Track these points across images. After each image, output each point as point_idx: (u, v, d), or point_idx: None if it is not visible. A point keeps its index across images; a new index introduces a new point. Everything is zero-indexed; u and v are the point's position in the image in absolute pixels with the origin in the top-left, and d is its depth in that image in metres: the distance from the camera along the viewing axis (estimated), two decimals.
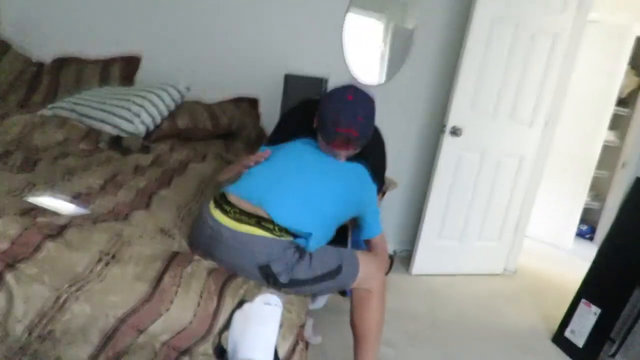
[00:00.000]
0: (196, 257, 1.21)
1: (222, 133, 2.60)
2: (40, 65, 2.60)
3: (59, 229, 1.08)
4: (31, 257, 0.99)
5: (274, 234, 1.28)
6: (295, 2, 2.85)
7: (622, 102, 4.07)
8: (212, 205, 1.34)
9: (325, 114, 1.50)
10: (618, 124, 4.16)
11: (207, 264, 1.18)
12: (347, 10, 2.88)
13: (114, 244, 1.09)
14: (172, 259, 1.12)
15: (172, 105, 2.37)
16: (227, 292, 1.11)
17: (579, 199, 4.06)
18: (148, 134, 2.26)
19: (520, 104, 2.95)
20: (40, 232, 1.04)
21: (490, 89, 2.85)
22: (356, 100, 1.52)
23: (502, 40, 2.77)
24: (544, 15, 2.81)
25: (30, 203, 1.20)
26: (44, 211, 1.17)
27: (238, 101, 2.81)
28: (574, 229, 4.11)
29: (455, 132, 2.80)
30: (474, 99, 2.82)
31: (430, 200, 2.90)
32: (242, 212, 1.30)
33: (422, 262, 2.96)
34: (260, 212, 1.30)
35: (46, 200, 1.25)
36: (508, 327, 2.49)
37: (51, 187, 1.33)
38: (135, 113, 2.21)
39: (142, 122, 2.22)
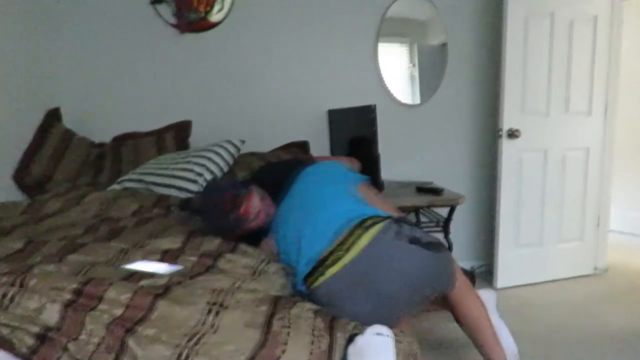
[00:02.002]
0: (298, 298, 1.19)
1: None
2: (101, 146, 2.75)
3: (163, 288, 1.09)
4: (146, 319, 1.00)
5: (367, 236, 1.29)
6: (327, 43, 2.93)
7: None
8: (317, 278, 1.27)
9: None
10: None
11: (310, 305, 1.17)
12: (376, 42, 2.95)
13: (219, 294, 1.09)
14: (276, 302, 1.11)
15: (231, 160, 2.43)
16: (336, 326, 1.08)
17: None
18: None
19: (573, 95, 2.85)
20: (149, 293, 1.05)
21: (538, 85, 2.78)
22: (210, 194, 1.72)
23: (540, 34, 2.73)
24: (579, 1, 2.75)
25: (129, 270, 1.23)
26: (143, 275, 1.19)
27: (289, 147, 2.85)
28: None
29: (512, 134, 2.71)
30: (524, 98, 2.76)
31: (501, 209, 2.78)
32: (332, 254, 1.29)
33: (504, 274, 2.81)
34: (336, 243, 1.31)
35: (141, 265, 1.28)
36: (615, 331, 2.27)
37: (140, 247, 1.37)
38: (198, 173, 2.28)
39: (206, 181, 2.28)
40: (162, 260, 1.29)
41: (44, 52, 2.64)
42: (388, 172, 2.79)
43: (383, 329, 1.06)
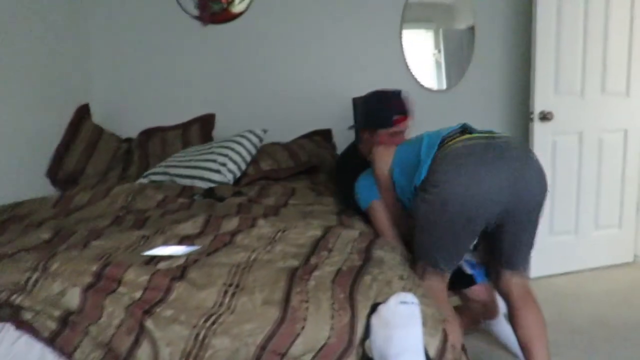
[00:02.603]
0: (314, 263, 1.17)
1: (304, 169, 2.61)
2: (129, 141, 2.81)
3: (181, 270, 1.09)
4: (164, 300, 1.01)
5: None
6: (350, 30, 2.89)
7: None
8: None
9: (377, 112, 1.82)
10: None
11: (329, 270, 1.12)
12: (400, 28, 2.89)
13: (235, 274, 1.09)
14: (293, 275, 1.09)
15: (253, 150, 2.43)
16: (357, 296, 1.04)
17: None
18: (237, 181, 2.32)
19: (609, 75, 2.70)
20: (166, 275, 1.06)
21: (573, 65, 2.65)
22: (389, 93, 1.88)
23: (574, 10, 2.59)
24: None
25: (148, 256, 1.24)
26: (161, 258, 1.20)
27: (313, 135, 2.83)
28: None
29: (545, 117, 2.60)
30: (557, 79, 2.64)
31: None
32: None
33: (538, 263, 2.68)
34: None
35: (159, 250, 1.29)
36: None
37: (161, 234, 1.38)
38: (221, 163, 2.29)
39: (229, 171, 2.29)
40: (180, 244, 1.29)
41: (73, 49, 2.71)
42: None
43: (408, 297, 1.00)
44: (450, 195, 1.31)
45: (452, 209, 1.32)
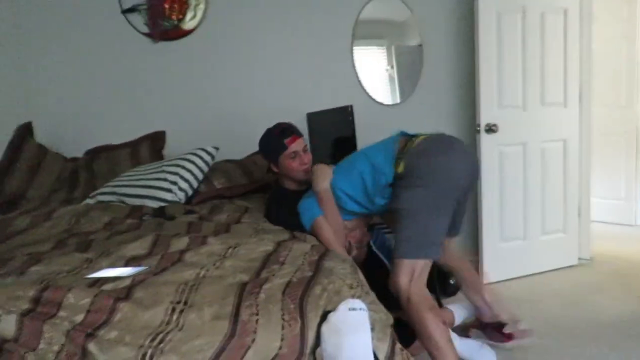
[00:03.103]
0: (265, 277, 1.15)
1: (259, 185, 2.59)
2: (74, 160, 2.69)
3: (126, 290, 1.05)
4: (108, 322, 0.96)
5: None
6: (302, 47, 2.93)
7: None
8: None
9: (271, 144, 2.02)
10: None
11: (279, 282, 1.12)
12: (352, 45, 2.96)
13: (183, 292, 1.06)
14: (242, 290, 1.07)
15: (205, 168, 2.39)
16: (307, 306, 1.04)
17: (635, 172, 3.83)
18: (188, 199, 2.27)
19: (548, 87, 2.87)
20: (110, 296, 1.01)
21: (514, 80, 2.80)
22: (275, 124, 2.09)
23: (512, 29, 2.75)
24: None
25: (91, 279, 1.18)
26: (106, 280, 1.14)
27: None
28: (638, 204, 3.85)
29: (490, 129, 2.72)
30: (500, 93, 2.77)
31: (483, 203, 2.78)
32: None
33: (491, 269, 2.78)
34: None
35: (104, 272, 1.23)
36: (608, 318, 2.26)
37: (106, 256, 1.32)
38: (172, 182, 2.23)
39: (181, 189, 2.24)
40: (127, 265, 1.24)
41: (13, 65, 2.59)
42: None
43: (356, 303, 1.03)
44: (450, 170, 1.62)
45: (452, 179, 1.62)
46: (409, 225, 1.59)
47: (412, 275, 1.56)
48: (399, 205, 1.62)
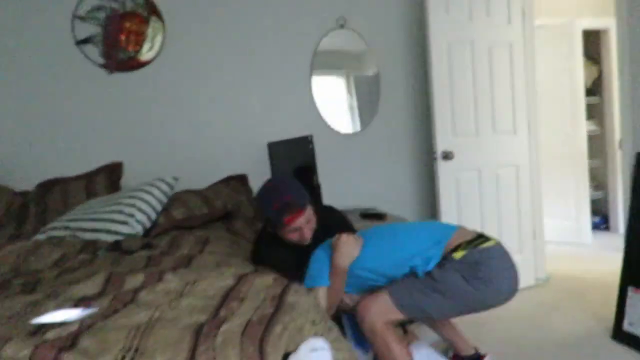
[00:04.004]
0: (223, 316, 1.11)
1: (219, 215, 2.55)
2: (24, 194, 2.57)
3: (72, 338, 0.99)
4: None
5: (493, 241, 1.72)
6: (261, 78, 2.96)
7: (589, 92, 4.20)
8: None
9: (269, 213, 1.75)
10: (593, 113, 4.25)
11: (238, 322, 1.08)
12: (310, 75, 3.01)
13: (134, 337, 1.00)
14: (199, 332, 1.02)
15: (164, 199, 2.34)
16: (267, 348, 1.00)
17: (584, 193, 4.02)
18: (147, 231, 2.20)
19: (498, 116, 3.00)
20: (53, 346, 0.95)
21: (466, 109, 2.92)
22: (277, 185, 1.83)
23: (463, 60, 2.88)
24: (494, 28, 2.95)
25: (34, 325, 1.11)
26: (51, 326, 1.08)
27: (228, 181, 2.79)
28: (588, 223, 4.04)
29: (447, 156, 2.81)
30: (454, 121, 2.88)
31: None
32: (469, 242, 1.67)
33: None
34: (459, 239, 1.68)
35: (50, 317, 1.17)
36: (564, 336, 2.35)
37: (54, 297, 1.26)
38: (128, 214, 2.16)
39: (138, 221, 2.17)
40: (76, 307, 1.18)
41: None
42: (332, 200, 2.77)
43: (318, 343, 1.02)
44: (498, 283, 1.64)
45: (494, 293, 1.64)
46: (431, 295, 1.59)
47: (386, 314, 1.60)
48: (439, 278, 1.60)
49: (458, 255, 1.60)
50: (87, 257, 1.80)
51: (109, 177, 2.65)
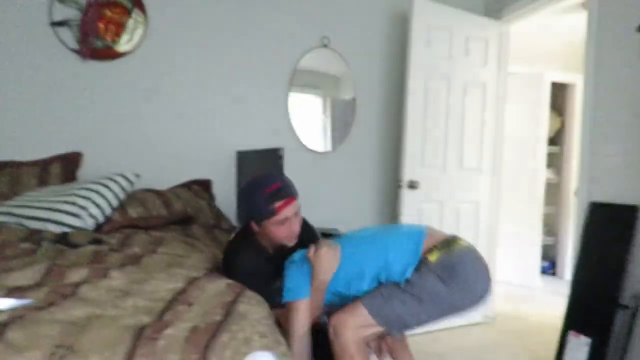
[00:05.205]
0: (169, 319, 1.06)
1: (178, 219, 2.47)
2: None
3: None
4: None
5: (464, 242, 1.65)
6: (239, 86, 2.93)
7: (551, 141, 4.40)
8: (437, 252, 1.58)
9: (256, 203, 1.60)
10: (553, 161, 4.45)
11: (184, 327, 1.03)
12: (288, 91, 3.02)
13: (69, 333, 0.93)
14: (140, 335, 0.96)
15: (122, 195, 2.25)
16: (211, 357, 0.95)
17: (536, 237, 4.17)
18: (99, 227, 2.11)
19: (466, 153, 3.09)
20: None
21: (436, 143, 2.98)
22: (266, 175, 1.70)
23: (438, 95, 2.96)
24: (471, 68, 3.06)
25: None
26: None
27: (191, 184, 2.73)
28: (538, 267, 4.17)
29: (412, 185, 2.85)
30: (424, 153, 2.93)
31: None
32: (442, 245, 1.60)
33: None
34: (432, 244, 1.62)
35: None
36: None
37: None
38: (81, 206, 2.06)
39: (91, 215, 2.07)
40: (9, 296, 1.09)
41: None
42: None
43: (264, 357, 0.97)
44: (473, 285, 1.58)
45: (470, 294, 1.58)
46: (408, 302, 1.55)
47: (363, 327, 1.55)
48: (416, 282, 1.56)
49: (433, 257, 1.58)
50: (29, 247, 1.69)
51: (66, 166, 2.54)
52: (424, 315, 1.58)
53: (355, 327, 1.55)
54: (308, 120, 3.14)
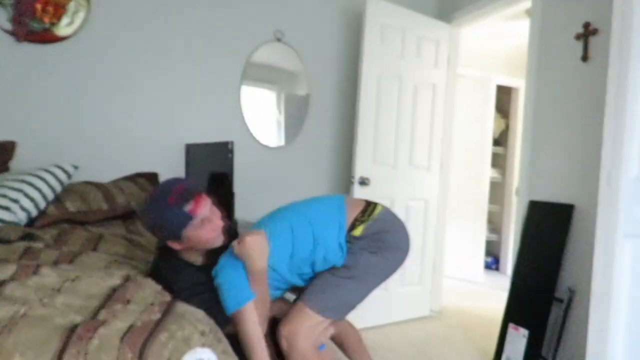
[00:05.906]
0: (103, 318, 1.00)
1: (120, 213, 2.36)
2: None
3: None
4: None
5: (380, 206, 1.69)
6: (190, 77, 2.84)
7: (496, 142, 4.59)
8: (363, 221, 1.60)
9: (166, 218, 1.35)
10: (497, 161, 4.65)
11: (120, 326, 0.97)
12: (240, 84, 2.96)
13: None
14: (71, 334, 0.90)
15: (59, 187, 2.12)
16: (148, 357, 0.90)
17: (481, 234, 4.34)
18: (32, 220, 1.97)
19: (415, 151, 3.15)
20: None
21: (387, 141, 3.02)
22: (165, 183, 1.45)
23: (390, 94, 3.01)
24: (422, 68, 3.13)
25: None
26: None
27: (136, 177, 2.61)
28: (481, 263, 4.35)
29: (363, 182, 2.87)
30: (375, 151, 2.97)
31: None
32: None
33: (352, 317, 2.85)
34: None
35: None
36: None
37: None
38: (12, 199, 1.92)
39: (22, 208, 1.93)
40: None
41: None
42: (245, 210, 2.71)
43: (205, 353, 0.94)
44: (405, 250, 1.67)
45: (403, 258, 1.67)
46: (346, 285, 1.52)
47: (315, 328, 1.52)
48: (351, 263, 1.54)
49: (358, 232, 1.57)
50: None
51: None
52: (364, 290, 1.60)
53: (307, 332, 1.51)
54: (261, 115, 3.09)
